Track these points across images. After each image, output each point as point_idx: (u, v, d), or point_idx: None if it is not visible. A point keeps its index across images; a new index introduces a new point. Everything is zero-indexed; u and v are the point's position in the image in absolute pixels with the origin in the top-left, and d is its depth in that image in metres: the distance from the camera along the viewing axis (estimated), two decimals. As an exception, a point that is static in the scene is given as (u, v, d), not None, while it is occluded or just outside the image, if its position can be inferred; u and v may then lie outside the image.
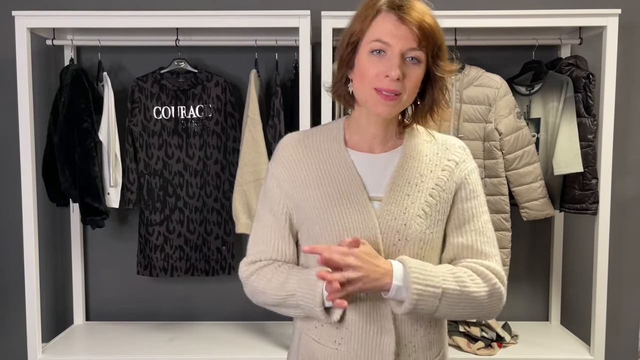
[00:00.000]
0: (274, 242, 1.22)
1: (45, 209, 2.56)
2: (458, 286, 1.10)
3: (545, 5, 2.46)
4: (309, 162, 1.22)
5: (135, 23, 2.20)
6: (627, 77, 2.52)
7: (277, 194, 1.23)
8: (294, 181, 1.21)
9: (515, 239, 2.45)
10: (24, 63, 2.18)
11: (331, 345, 1.18)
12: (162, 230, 2.43)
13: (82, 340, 2.44)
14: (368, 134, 1.22)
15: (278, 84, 2.33)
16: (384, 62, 1.10)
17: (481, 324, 2.32)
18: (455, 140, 1.28)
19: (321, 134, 1.26)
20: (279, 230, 1.22)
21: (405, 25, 1.08)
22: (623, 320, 2.63)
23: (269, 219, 1.23)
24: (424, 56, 1.11)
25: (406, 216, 1.15)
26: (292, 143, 1.25)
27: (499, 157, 2.27)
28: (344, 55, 1.16)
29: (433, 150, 1.23)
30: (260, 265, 1.22)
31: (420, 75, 1.13)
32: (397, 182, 1.18)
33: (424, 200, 1.17)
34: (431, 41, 1.11)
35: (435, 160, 1.21)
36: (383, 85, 1.10)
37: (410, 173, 1.19)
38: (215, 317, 2.65)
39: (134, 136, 2.42)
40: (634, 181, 2.59)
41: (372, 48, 1.11)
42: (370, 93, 1.12)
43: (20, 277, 2.50)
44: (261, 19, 2.19)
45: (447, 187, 1.19)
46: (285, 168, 1.23)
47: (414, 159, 1.20)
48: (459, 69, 1.17)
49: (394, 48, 1.09)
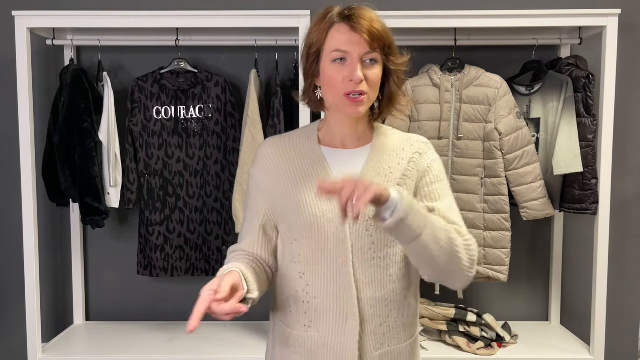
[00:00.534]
0: (247, 237, 1.35)
1: (45, 209, 2.56)
2: (444, 231, 1.18)
3: (545, 5, 2.46)
4: (284, 160, 1.34)
5: (135, 23, 2.20)
6: (627, 77, 2.52)
7: (255, 195, 1.36)
8: (270, 179, 1.33)
9: (515, 239, 2.45)
10: (24, 63, 2.18)
11: (301, 329, 1.29)
12: (162, 230, 2.43)
13: (82, 340, 2.44)
14: (340, 133, 1.34)
15: (278, 84, 2.33)
16: (346, 68, 1.23)
17: (481, 324, 2.32)
18: (418, 137, 1.40)
19: (297, 136, 1.38)
20: (251, 228, 1.35)
21: (358, 33, 1.22)
22: (623, 320, 2.63)
23: (248, 217, 1.37)
24: (379, 56, 1.25)
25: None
26: (269, 146, 1.37)
27: (498, 157, 2.27)
28: (307, 66, 1.30)
29: (399, 145, 1.36)
30: (235, 255, 1.35)
31: (379, 73, 1.26)
32: (368, 173, 1.30)
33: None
34: (382, 42, 1.25)
35: (402, 154, 1.34)
36: (350, 89, 1.22)
37: (380, 165, 1.31)
38: (215, 317, 2.65)
39: (134, 136, 2.42)
40: (633, 181, 2.59)
41: (334, 57, 1.24)
42: (340, 98, 1.24)
43: (20, 277, 2.50)
44: (261, 19, 2.19)
45: (412, 176, 1.31)
46: (262, 169, 1.35)
47: (383, 152, 1.33)
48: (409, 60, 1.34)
49: (352, 54, 1.23)
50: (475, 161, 2.31)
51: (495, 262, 2.31)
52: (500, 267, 2.31)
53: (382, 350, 1.28)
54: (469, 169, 2.31)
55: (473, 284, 2.58)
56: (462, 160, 2.32)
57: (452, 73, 2.32)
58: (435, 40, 2.39)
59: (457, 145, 2.31)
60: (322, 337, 1.27)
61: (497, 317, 2.47)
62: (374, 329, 1.27)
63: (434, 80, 2.32)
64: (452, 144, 2.32)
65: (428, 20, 2.18)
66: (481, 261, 2.33)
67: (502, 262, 2.31)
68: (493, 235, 2.31)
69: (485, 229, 2.32)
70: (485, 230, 2.32)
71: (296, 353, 1.31)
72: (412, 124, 2.34)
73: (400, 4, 2.49)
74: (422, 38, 2.39)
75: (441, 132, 2.31)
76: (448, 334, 2.34)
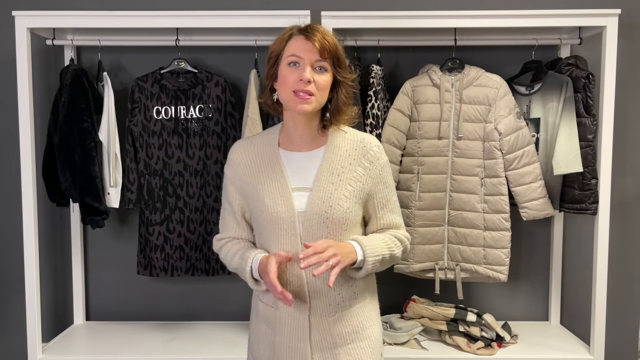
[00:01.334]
0: (231, 225, 1.60)
1: (45, 209, 2.56)
2: (389, 251, 1.52)
3: (545, 5, 2.46)
4: (250, 163, 1.56)
5: (135, 23, 2.20)
6: (627, 77, 2.52)
7: (231, 190, 1.58)
8: (240, 179, 1.56)
9: (515, 239, 2.46)
10: (24, 63, 2.18)
11: (270, 304, 1.54)
12: (162, 230, 2.43)
13: (82, 340, 2.44)
14: (295, 135, 1.53)
15: (278, 84, 2.33)
16: (298, 70, 1.43)
17: (481, 323, 2.32)
18: (370, 139, 1.56)
19: (260, 139, 1.59)
20: (234, 217, 1.59)
21: (311, 42, 1.42)
22: (623, 320, 2.63)
23: (228, 208, 1.60)
24: (328, 65, 1.45)
25: (332, 200, 1.47)
26: (238, 149, 1.59)
27: (498, 157, 2.27)
28: (268, 70, 1.50)
29: (352, 146, 1.54)
30: (224, 242, 1.61)
31: (327, 79, 1.45)
32: (323, 174, 1.50)
33: (344, 187, 1.49)
34: (331, 54, 1.44)
35: (353, 155, 1.53)
36: (299, 87, 1.42)
37: (333, 166, 1.51)
38: (215, 317, 2.66)
39: (134, 136, 2.43)
40: (633, 181, 2.59)
41: (289, 61, 1.44)
42: (290, 95, 1.43)
43: (20, 277, 2.50)
44: (261, 19, 2.19)
45: (363, 179, 1.52)
46: (234, 170, 1.58)
47: (336, 154, 1.52)
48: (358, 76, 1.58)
49: (304, 59, 1.43)
50: (475, 161, 2.31)
51: (495, 262, 2.32)
52: (500, 267, 2.31)
53: (336, 315, 1.51)
54: (469, 169, 2.31)
55: (473, 283, 2.58)
56: (462, 160, 2.32)
57: (452, 73, 2.32)
58: (435, 40, 2.39)
59: (457, 145, 2.32)
60: (280, 312, 1.51)
61: (497, 317, 2.47)
62: (324, 302, 1.50)
63: (434, 80, 2.32)
64: (452, 144, 2.32)
65: (428, 20, 2.18)
66: (481, 261, 2.33)
67: (502, 262, 2.31)
68: (493, 235, 2.31)
69: (485, 229, 2.32)
70: (485, 230, 2.32)
71: (264, 323, 1.57)
72: (412, 123, 2.34)
73: (400, 4, 2.49)
74: (422, 38, 2.39)
75: (441, 132, 2.31)
76: (448, 334, 2.34)
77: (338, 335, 1.51)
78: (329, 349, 1.51)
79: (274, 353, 1.53)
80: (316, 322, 1.50)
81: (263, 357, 1.56)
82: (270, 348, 1.54)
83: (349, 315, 1.53)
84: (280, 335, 1.51)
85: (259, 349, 1.58)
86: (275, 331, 1.53)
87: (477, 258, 2.34)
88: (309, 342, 1.50)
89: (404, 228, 1.63)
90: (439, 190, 2.35)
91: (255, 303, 1.61)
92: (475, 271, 2.35)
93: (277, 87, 1.49)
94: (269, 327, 1.55)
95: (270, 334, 1.54)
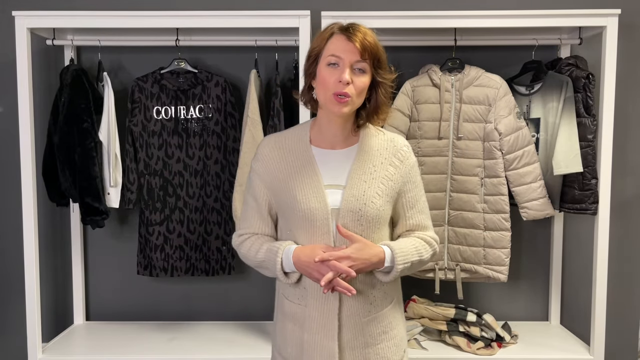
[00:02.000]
0: (254, 221, 1.58)
1: (45, 209, 2.56)
2: (418, 257, 1.53)
3: (545, 5, 2.46)
4: (281, 158, 1.55)
5: (135, 23, 2.20)
6: (627, 77, 2.52)
7: (258, 185, 1.57)
8: (270, 175, 1.55)
9: (515, 239, 2.46)
10: (24, 63, 2.18)
11: (294, 302, 1.54)
12: (162, 230, 2.43)
13: (82, 340, 2.44)
14: (329, 133, 1.54)
15: (278, 84, 2.33)
16: (338, 71, 1.43)
17: (481, 324, 2.32)
18: (400, 139, 1.59)
19: (292, 134, 1.58)
20: (259, 212, 1.58)
21: (352, 43, 1.41)
22: (623, 320, 2.63)
23: (253, 204, 1.58)
24: (368, 67, 1.44)
25: (365, 197, 1.48)
26: (268, 144, 1.58)
27: (498, 157, 2.27)
28: (307, 67, 1.51)
29: (383, 145, 1.56)
30: (245, 237, 1.59)
31: (365, 81, 1.45)
32: (356, 172, 1.51)
33: (377, 185, 1.50)
34: (372, 54, 1.43)
35: (385, 154, 1.55)
36: (338, 90, 1.42)
37: (366, 164, 1.52)
38: (215, 317, 2.66)
39: (134, 136, 2.43)
40: (633, 181, 2.59)
41: (329, 61, 1.44)
42: (329, 97, 1.44)
43: (20, 277, 2.50)
44: (261, 19, 2.19)
45: (394, 179, 1.54)
46: (263, 165, 1.56)
47: (368, 153, 1.53)
48: (396, 78, 1.53)
49: (344, 60, 1.42)
50: (475, 161, 2.31)
51: (495, 262, 2.32)
52: (500, 267, 2.31)
53: (370, 317, 1.51)
54: (469, 169, 2.31)
55: (473, 283, 2.58)
56: (462, 160, 2.32)
57: (452, 73, 2.32)
58: (435, 40, 2.39)
59: (457, 145, 2.32)
60: (309, 310, 1.50)
61: (497, 317, 2.47)
62: (357, 301, 1.50)
63: (434, 80, 2.32)
64: (452, 144, 2.32)
65: (428, 20, 2.18)
66: (481, 261, 2.33)
67: (502, 262, 2.31)
68: (493, 235, 2.31)
69: (485, 229, 2.32)
70: (485, 230, 2.32)
71: (290, 321, 1.55)
72: (412, 123, 2.34)
73: (400, 4, 2.49)
74: (422, 38, 2.39)
75: (441, 132, 2.31)
76: (448, 334, 2.34)
77: (370, 335, 1.52)
78: (360, 348, 1.51)
79: (302, 351, 1.52)
80: (347, 321, 1.50)
81: (291, 355, 1.55)
82: (299, 346, 1.53)
83: (381, 316, 1.54)
84: (309, 333, 1.50)
85: (287, 347, 1.56)
86: (304, 329, 1.52)
87: (477, 258, 2.34)
88: (337, 340, 1.49)
89: (433, 229, 1.62)
90: (439, 190, 2.35)
91: (281, 301, 1.59)
92: (475, 271, 2.35)
93: (316, 86, 1.49)
94: (296, 324, 1.54)
95: (298, 332, 1.53)
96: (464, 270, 2.37)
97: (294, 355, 1.54)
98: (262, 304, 2.65)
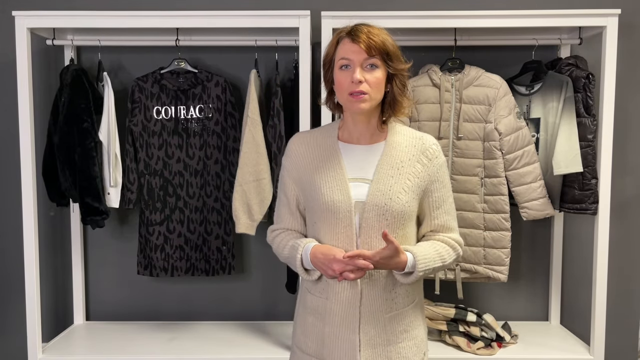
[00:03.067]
0: (285, 217, 1.63)
1: (45, 209, 2.56)
2: (441, 262, 1.53)
3: (545, 5, 2.46)
4: (308, 153, 1.60)
5: (135, 23, 2.20)
6: (627, 77, 2.52)
7: (287, 181, 1.62)
8: (297, 169, 1.60)
9: (515, 239, 2.46)
10: (24, 63, 2.18)
11: (316, 295, 1.56)
12: (162, 230, 2.43)
13: (82, 340, 2.44)
14: (355, 131, 1.57)
15: (278, 84, 2.33)
16: (349, 72, 1.48)
17: (481, 323, 2.32)
18: (429, 137, 1.61)
19: (320, 131, 1.64)
20: (289, 208, 1.62)
21: (357, 44, 1.46)
22: (623, 320, 2.63)
23: (284, 200, 1.63)
24: (379, 62, 1.47)
25: (391, 192, 1.49)
26: (297, 140, 1.63)
27: (498, 157, 2.27)
28: (325, 74, 1.58)
29: (411, 142, 1.57)
30: (277, 233, 1.65)
31: (379, 76, 1.48)
32: (383, 167, 1.53)
33: (404, 181, 1.51)
34: (379, 50, 1.46)
35: (412, 151, 1.56)
36: (353, 89, 1.46)
37: (393, 160, 1.53)
38: (215, 317, 2.66)
39: (134, 136, 2.43)
40: (633, 181, 2.59)
41: (340, 65, 1.49)
42: (347, 98, 1.49)
43: (20, 277, 2.50)
44: (261, 19, 2.19)
45: (421, 176, 1.54)
46: (292, 161, 1.61)
47: (396, 149, 1.55)
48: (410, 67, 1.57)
49: (353, 61, 1.47)
50: (475, 161, 2.31)
51: (495, 262, 2.32)
52: (500, 267, 2.31)
53: (391, 313, 1.52)
54: (469, 168, 2.31)
55: (473, 284, 2.58)
56: (462, 160, 2.32)
57: (452, 73, 2.32)
58: (435, 40, 2.40)
59: (457, 145, 2.32)
60: (330, 303, 1.52)
61: (497, 317, 2.47)
62: (378, 296, 1.51)
63: (434, 80, 2.32)
64: (452, 144, 2.32)
65: (428, 20, 2.18)
66: (481, 261, 2.33)
67: (502, 262, 2.31)
68: (493, 235, 2.31)
69: (485, 229, 2.32)
70: (485, 230, 2.32)
71: (311, 314, 1.57)
72: (412, 124, 2.34)
73: (401, 4, 2.49)
74: (422, 38, 2.39)
75: (441, 132, 2.31)
76: (448, 334, 2.34)
77: (392, 333, 1.53)
78: (382, 345, 1.52)
79: (323, 344, 1.54)
80: (369, 316, 1.51)
81: (311, 349, 1.57)
82: (319, 339, 1.55)
83: (403, 315, 1.54)
84: (331, 326, 1.52)
85: (307, 341, 1.58)
86: (325, 321, 1.53)
87: (477, 258, 2.34)
88: (358, 333, 1.50)
89: (457, 231, 1.62)
90: (439, 190, 2.35)
91: (303, 295, 1.61)
92: (475, 271, 2.35)
93: (335, 90, 1.54)
94: (317, 318, 1.55)
95: (319, 325, 1.55)
96: (464, 270, 2.37)
97: (314, 349, 1.56)
98: (262, 304, 2.65)
